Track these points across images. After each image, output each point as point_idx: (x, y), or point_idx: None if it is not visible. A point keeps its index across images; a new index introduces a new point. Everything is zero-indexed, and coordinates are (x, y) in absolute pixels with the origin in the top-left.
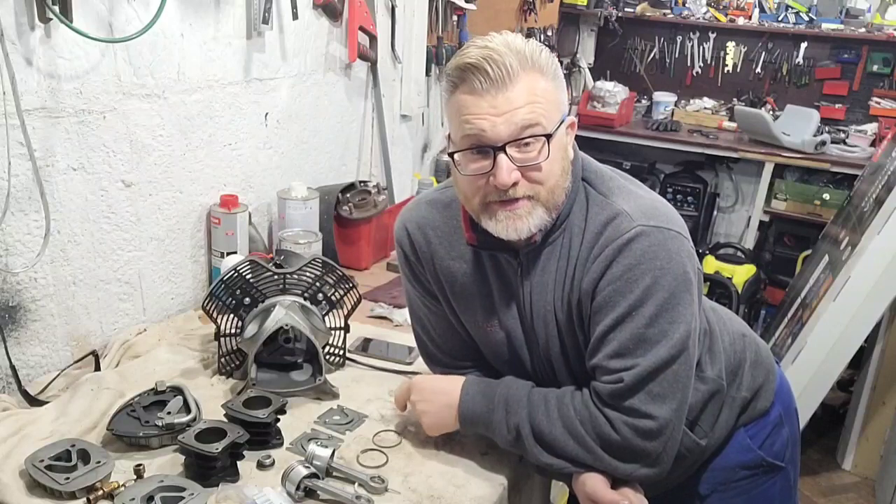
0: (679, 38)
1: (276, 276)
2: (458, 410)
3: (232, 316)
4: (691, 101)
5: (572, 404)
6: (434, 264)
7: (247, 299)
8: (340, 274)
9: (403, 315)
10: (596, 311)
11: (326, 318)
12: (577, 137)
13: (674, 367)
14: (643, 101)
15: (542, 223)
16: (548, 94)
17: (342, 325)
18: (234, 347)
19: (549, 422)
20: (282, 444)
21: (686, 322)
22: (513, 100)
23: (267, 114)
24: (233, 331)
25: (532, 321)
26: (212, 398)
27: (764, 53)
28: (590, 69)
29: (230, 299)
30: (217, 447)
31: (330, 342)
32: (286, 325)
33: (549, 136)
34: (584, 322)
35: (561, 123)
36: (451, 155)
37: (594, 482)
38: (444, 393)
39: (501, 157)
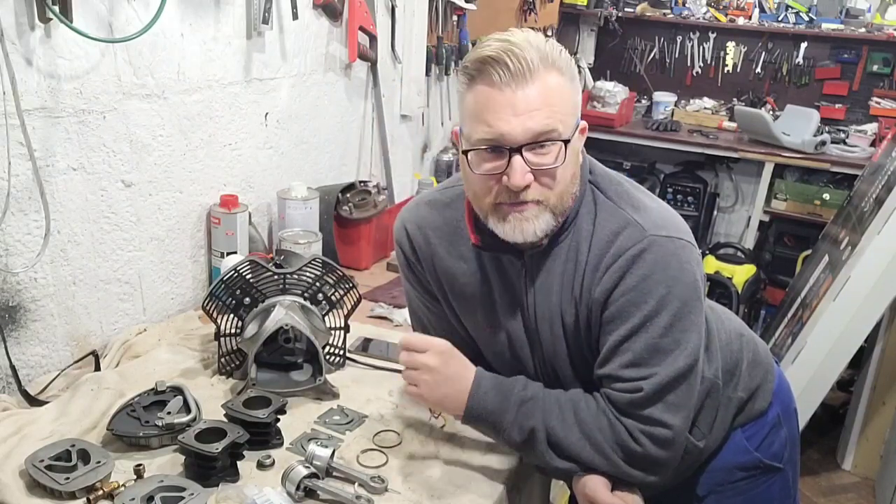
0: (679, 38)
1: (276, 276)
2: (468, 403)
3: (232, 316)
4: (691, 101)
5: (588, 410)
6: (434, 265)
7: (247, 299)
8: (340, 274)
9: (403, 315)
10: (608, 321)
11: (326, 318)
12: None
13: (689, 376)
14: (643, 101)
15: (549, 227)
16: (566, 96)
17: (342, 325)
18: (234, 347)
19: (563, 427)
20: (282, 444)
21: (697, 330)
22: (532, 100)
23: (267, 114)
24: (233, 331)
25: (536, 324)
26: (212, 398)
27: (764, 53)
28: (590, 69)
29: (230, 299)
30: (217, 447)
31: (330, 342)
32: (286, 325)
33: (566, 142)
34: (592, 330)
35: (576, 128)
36: (465, 152)
37: (595, 484)
38: (459, 379)
39: (517, 158)
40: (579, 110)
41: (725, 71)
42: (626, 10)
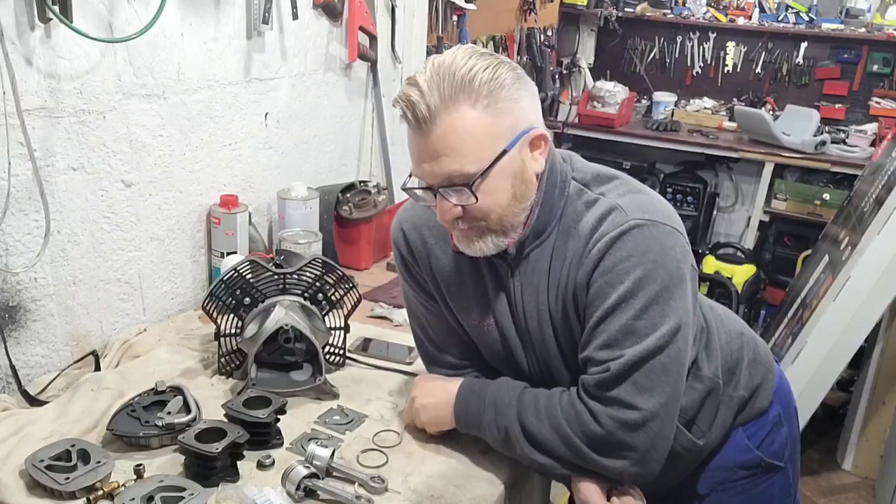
0: (679, 38)
1: (276, 276)
2: (454, 409)
3: (232, 316)
4: (691, 101)
5: (559, 404)
6: (430, 263)
7: (247, 299)
8: (340, 274)
9: (403, 315)
10: (589, 304)
11: (326, 318)
12: (578, 137)
13: (661, 358)
14: (643, 101)
15: (499, 245)
16: (477, 128)
17: (342, 325)
18: (234, 347)
19: (538, 421)
20: (282, 444)
21: (677, 316)
22: (435, 147)
23: (267, 114)
24: (233, 331)
25: (525, 321)
26: (212, 398)
27: (764, 53)
28: (590, 69)
29: (230, 299)
30: (217, 447)
31: (330, 342)
32: (286, 325)
33: (471, 184)
34: (581, 318)
35: (502, 155)
36: (404, 188)
37: (587, 489)
38: (443, 391)
39: (439, 197)
40: (517, 126)
41: (725, 71)
42: (626, 9)
